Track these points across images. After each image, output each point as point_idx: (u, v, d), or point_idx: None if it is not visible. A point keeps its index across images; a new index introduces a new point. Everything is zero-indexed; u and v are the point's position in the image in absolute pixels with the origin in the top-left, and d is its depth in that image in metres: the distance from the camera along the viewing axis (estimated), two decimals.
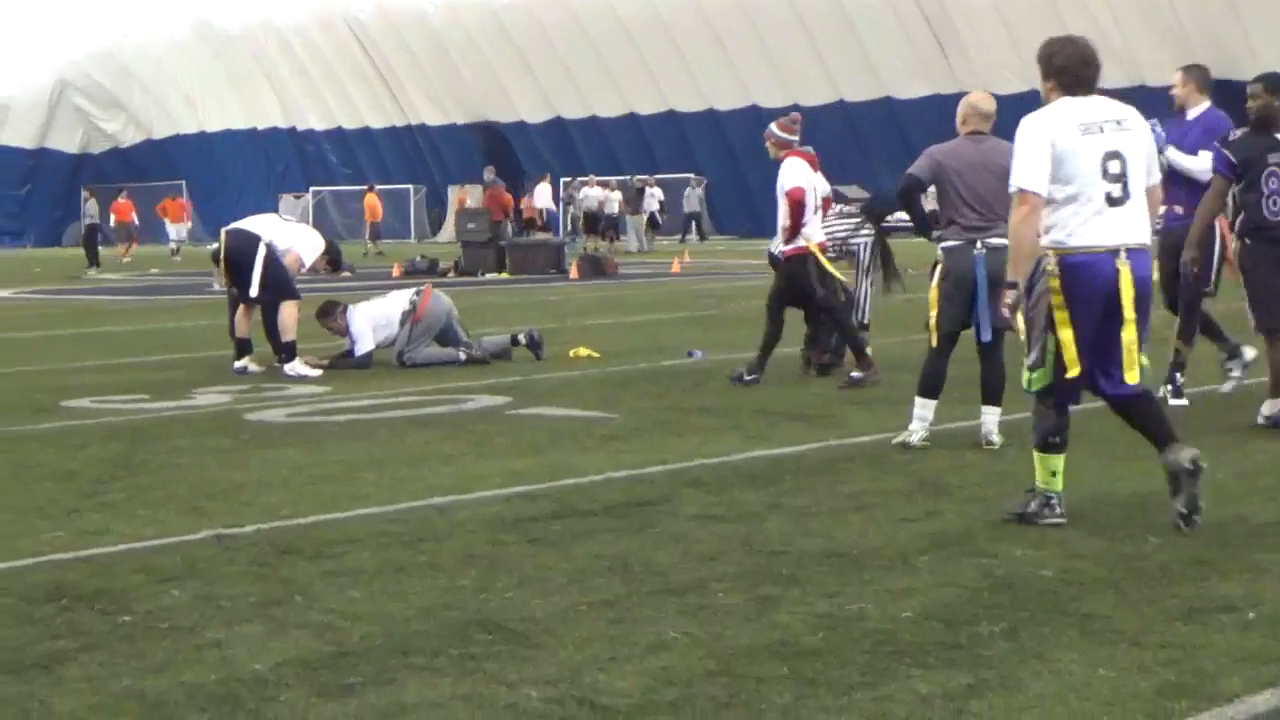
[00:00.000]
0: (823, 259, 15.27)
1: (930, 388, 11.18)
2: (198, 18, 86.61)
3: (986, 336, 11.06)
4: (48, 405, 14.64)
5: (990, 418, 11.13)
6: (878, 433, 11.80)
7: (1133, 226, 8.47)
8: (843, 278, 15.89)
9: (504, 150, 78.30)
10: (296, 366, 16.77)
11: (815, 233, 15.34)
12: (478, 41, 77.71)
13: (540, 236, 51.35)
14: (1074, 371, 8.43)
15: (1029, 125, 8.53)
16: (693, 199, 68.12)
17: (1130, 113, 8.69)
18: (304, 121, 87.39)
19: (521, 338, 18.11)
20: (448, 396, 14.60)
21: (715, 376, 15.73)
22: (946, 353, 11.26)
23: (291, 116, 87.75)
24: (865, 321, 16.60)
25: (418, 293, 17.86)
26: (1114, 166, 8.42)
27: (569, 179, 67.66)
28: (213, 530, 8.73)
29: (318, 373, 16.72)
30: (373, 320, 17.56)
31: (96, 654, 6.38)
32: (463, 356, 17.58)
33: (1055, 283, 8.40)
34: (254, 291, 17.07)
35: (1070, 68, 8.67)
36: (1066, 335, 8.40)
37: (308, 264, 17.84)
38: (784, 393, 14.44)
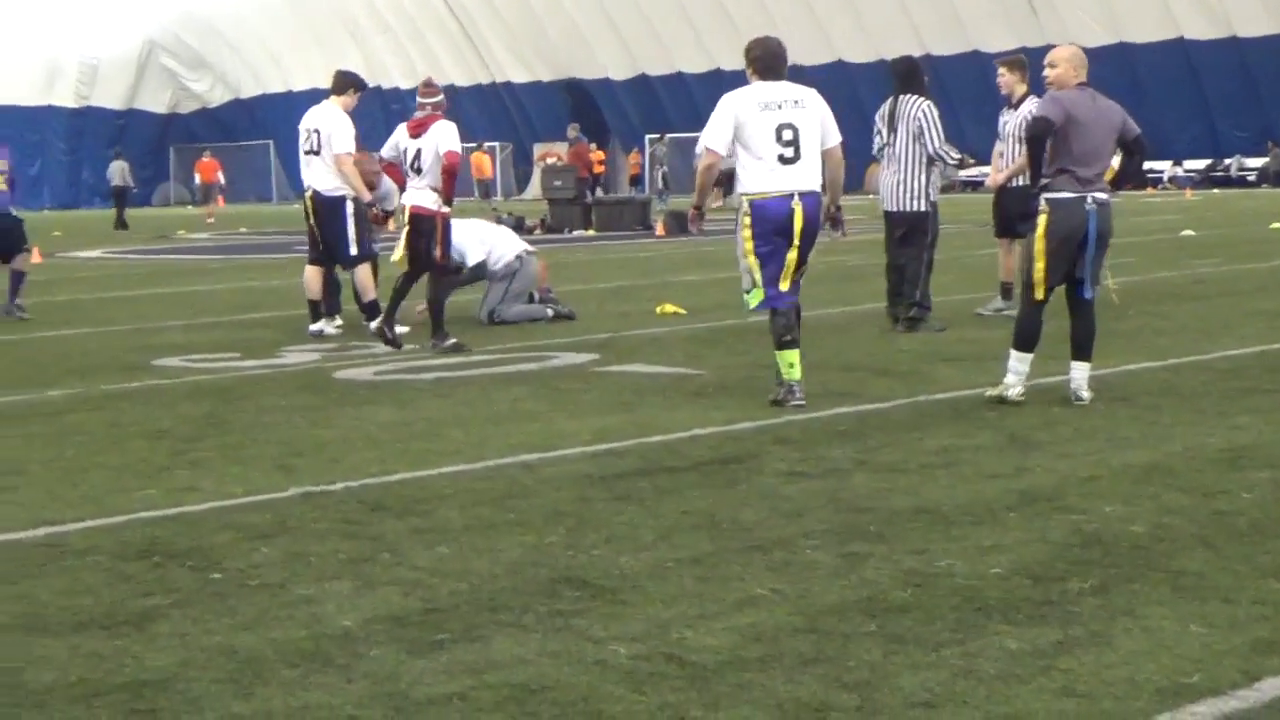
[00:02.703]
0: (405, 222, 15.72)
1: (1026, 341, 10.99)
2: None
3: (1089, 293, 10.94)
4: (139, 364, 14.77)
5: (1080, 373, 11.03)
6: (966, 388, 11.74)
7: (803, 178, 11.26)
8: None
9: (589, 107, 78.31)
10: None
11: (409, 195, 15.70)
12: None
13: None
14: (762, 296, 11.42)
15: (724, 100, 11.39)
16: None
17: (809, 95, 11.39)
18: (389, 80, 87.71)
19: (549, 310, 18.01)
20: (534, 354, 14.63)
21: (802, 332, 15.66)
22: (1045, 304, 11.05)
23: (376, 74, 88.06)
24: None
25: (530, 254, 17.93)
26: (787, 134, 11.18)
27: (656, 136, 67.53)
28: (302, 488, 8.79)
29: (405, 329, 16.71)
30: (479, 237, 17.93)
31: (188, 610, 6.44)
32: (550, 313, 17.65)
33: (747, 220, 11.25)
34: (354, 250, 16.92)
35: (762, 58, 11.41)
36: (753, 262, 11.31)
37: (353, 149, 17.05)
38: (871, 348, 14.40)
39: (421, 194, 15.43)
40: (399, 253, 15.61)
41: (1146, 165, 66.06)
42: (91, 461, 9.86)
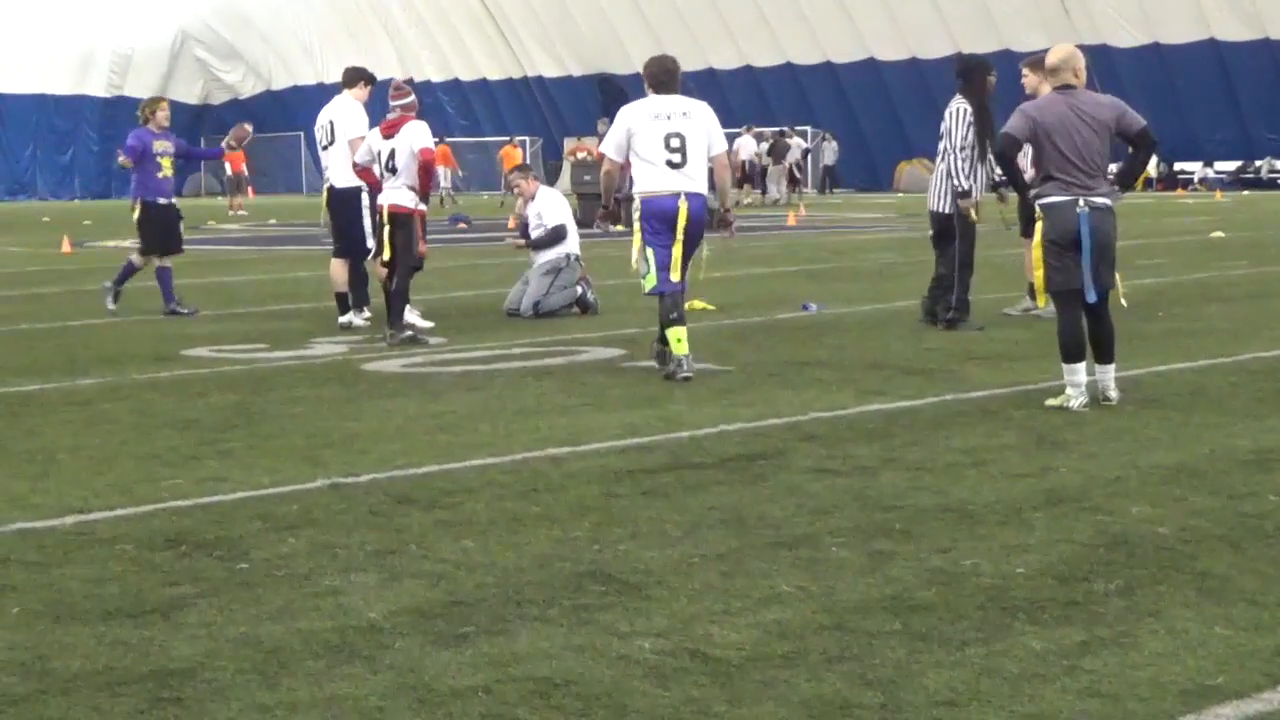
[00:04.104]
0: (385, 216, 15.81)
1: (1070, 352, 10.84)
2: None
3: (1092, 297, 10.83)
4: (168, 354, 14.82)
5: (1106, 375, 10.98)
6: (994, 388, 11.73)
7: (689, 180, 12.74)
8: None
9: (621, 102, 78.14)
10: (409, 315, 16.76)
11: (386, 195, 15.80)
12: None
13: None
14: (655, 281, 12.70)
15: (620, 113, 13.03)
16: (828, 153, 67.68)
17: (697, 106, 13.01)
18: (421, 73, 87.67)
19: (579, 288, 18.30)
20: (563, 348, 14.64)
21: (831, 330, 15.69)
22: (1075, 310, 10.92)
23: (409, 68, 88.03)
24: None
25: (578, 260, 18.15)
26: (675, 142, 12.69)
27: None
28: (329, 479, 8.82)
29: (430, 324, 16.67)
30: (563, 211, 18.77)
31: (214, 600, 6.46)
32: (580, 290, 17.93)
33: (638, 215, 12.69)
34: (370, 243, 16.96)
35: (655, 74, 13.05)
36: (649, 254, 12.65)
37: (365, 135, 16.75)
38: (900, 347, 14.37)
39: (399, 193, 15.67)
40: (384, 252, 15.72)
41: (1178, 166, 66.20)
42: (120, 450, 9.90)
